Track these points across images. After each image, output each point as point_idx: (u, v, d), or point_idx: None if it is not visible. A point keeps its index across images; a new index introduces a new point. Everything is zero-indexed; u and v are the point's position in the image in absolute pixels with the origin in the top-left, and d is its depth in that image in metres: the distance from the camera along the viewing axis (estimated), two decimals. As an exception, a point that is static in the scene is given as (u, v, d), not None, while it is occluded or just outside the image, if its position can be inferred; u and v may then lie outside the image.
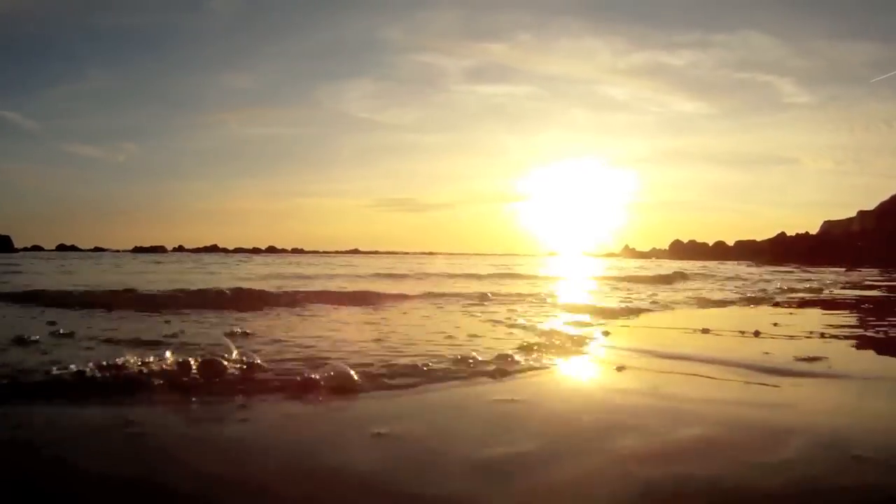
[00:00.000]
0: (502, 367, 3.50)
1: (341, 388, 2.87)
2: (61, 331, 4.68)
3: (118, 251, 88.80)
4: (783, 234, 63.85)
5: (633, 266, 34.09)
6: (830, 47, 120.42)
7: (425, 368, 3.39)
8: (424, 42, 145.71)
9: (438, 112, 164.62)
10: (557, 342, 4.49)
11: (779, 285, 14.05)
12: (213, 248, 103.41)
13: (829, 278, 18.80)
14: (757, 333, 5.33)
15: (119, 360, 2.94)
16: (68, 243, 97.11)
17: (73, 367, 2.91)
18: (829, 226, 64.16)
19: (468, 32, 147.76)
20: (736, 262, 49.98)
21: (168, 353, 3.15)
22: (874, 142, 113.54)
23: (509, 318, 6.27)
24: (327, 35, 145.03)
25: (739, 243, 76.41)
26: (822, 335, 5.34)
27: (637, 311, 7.48)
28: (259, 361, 3.26)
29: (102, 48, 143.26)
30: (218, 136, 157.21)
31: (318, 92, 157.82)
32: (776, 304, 9.17)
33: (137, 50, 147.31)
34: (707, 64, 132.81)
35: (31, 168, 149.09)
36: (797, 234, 62.53)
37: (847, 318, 7.28)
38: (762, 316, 7.42)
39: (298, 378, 2.97)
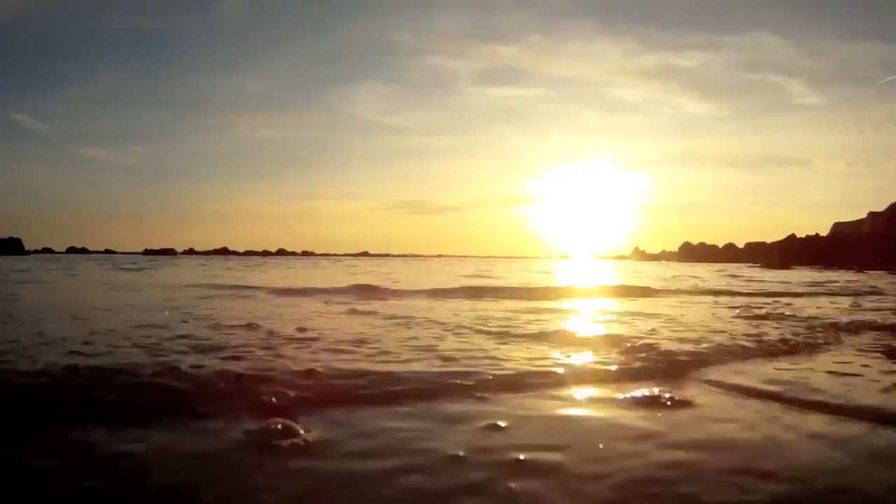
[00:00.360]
0: None
1: None
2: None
3: (128, 253, 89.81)
4: (793, 235, 62.75)
5: (680, 271, 30.95)
6: (840, 48, 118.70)
7: None
8: (434, 45, 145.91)
9: (449, 114, 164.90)
10: None
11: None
12: (224, 251, 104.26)
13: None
14: None
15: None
16: (79, 246, 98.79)
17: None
18: (839, 227, 62.96)
19: (478, 35, 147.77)
20: (749, 265, 49.24)
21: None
22: (884, 143, 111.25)
23: None
24: (337, 38, 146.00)
25: (749, 245, 75.27)
26: None
27: None
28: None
29: (111, 51, 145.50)
30: (227, 138, 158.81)
31: (327, 95, 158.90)
32: None
33: (146, 53, 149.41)
34: (717, 65, 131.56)
35: (41, 170, 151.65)
36: (807, 236, 61.42)
37: None
38: None
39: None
